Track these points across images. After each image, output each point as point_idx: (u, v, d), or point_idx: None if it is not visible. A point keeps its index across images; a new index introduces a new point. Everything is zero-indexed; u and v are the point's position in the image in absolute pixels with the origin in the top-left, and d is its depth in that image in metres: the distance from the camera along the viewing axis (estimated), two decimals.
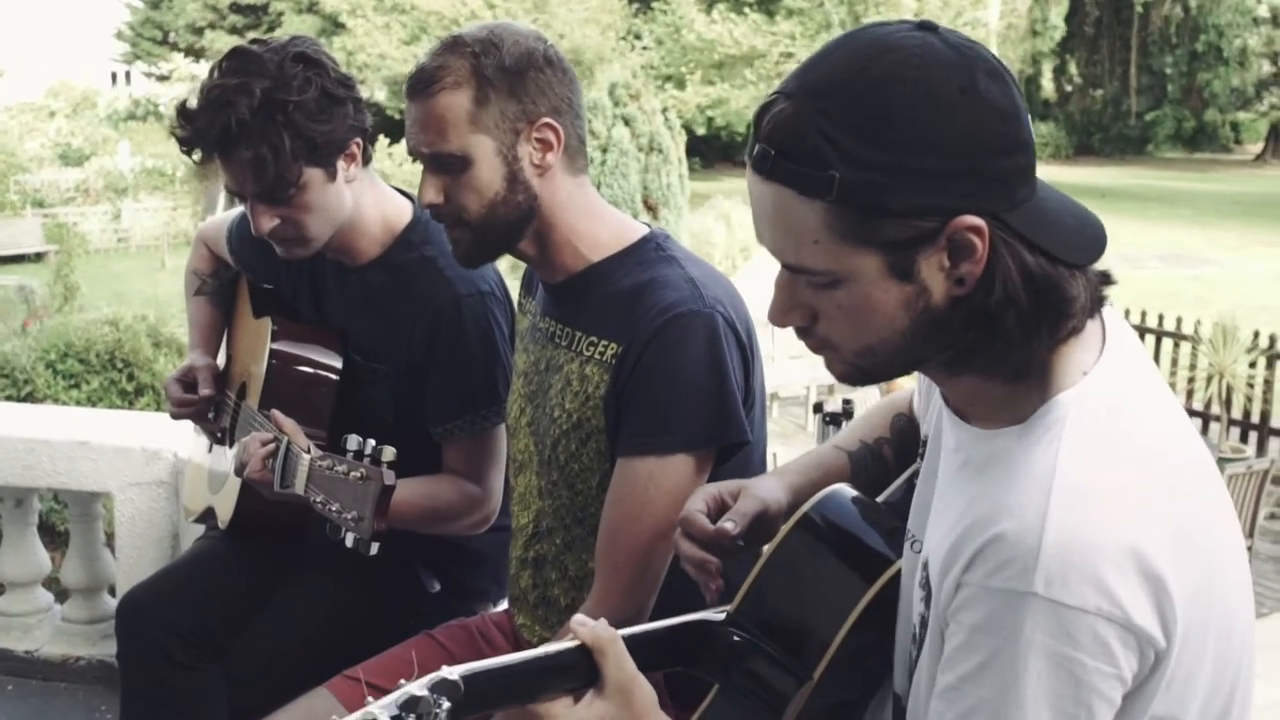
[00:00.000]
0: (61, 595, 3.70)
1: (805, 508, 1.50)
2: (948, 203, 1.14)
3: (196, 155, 2.18)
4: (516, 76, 1.84)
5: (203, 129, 2.13)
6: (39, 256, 21.15)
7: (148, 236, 24.09)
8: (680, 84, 27.34)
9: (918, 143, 1.12)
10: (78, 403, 8.31)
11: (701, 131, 27.97)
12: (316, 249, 2.26)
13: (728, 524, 1.56)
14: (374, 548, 1.81)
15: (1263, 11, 36.58)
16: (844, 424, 4.92)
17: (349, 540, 1.83)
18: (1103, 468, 1.16)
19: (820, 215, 1.16)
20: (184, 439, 2.91)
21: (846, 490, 1.53)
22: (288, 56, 2.13)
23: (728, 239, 17.74)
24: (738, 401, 1.80)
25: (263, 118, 2.09)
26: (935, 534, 1.29)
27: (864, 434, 1.71)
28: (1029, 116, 1.20)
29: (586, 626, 1.33)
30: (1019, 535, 1.13)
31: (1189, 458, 1.23)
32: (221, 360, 2.66)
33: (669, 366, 1.77)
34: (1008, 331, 1.18)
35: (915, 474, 1.54)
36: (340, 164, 2.20)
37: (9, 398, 7.96)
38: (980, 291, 1.16)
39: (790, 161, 1.16)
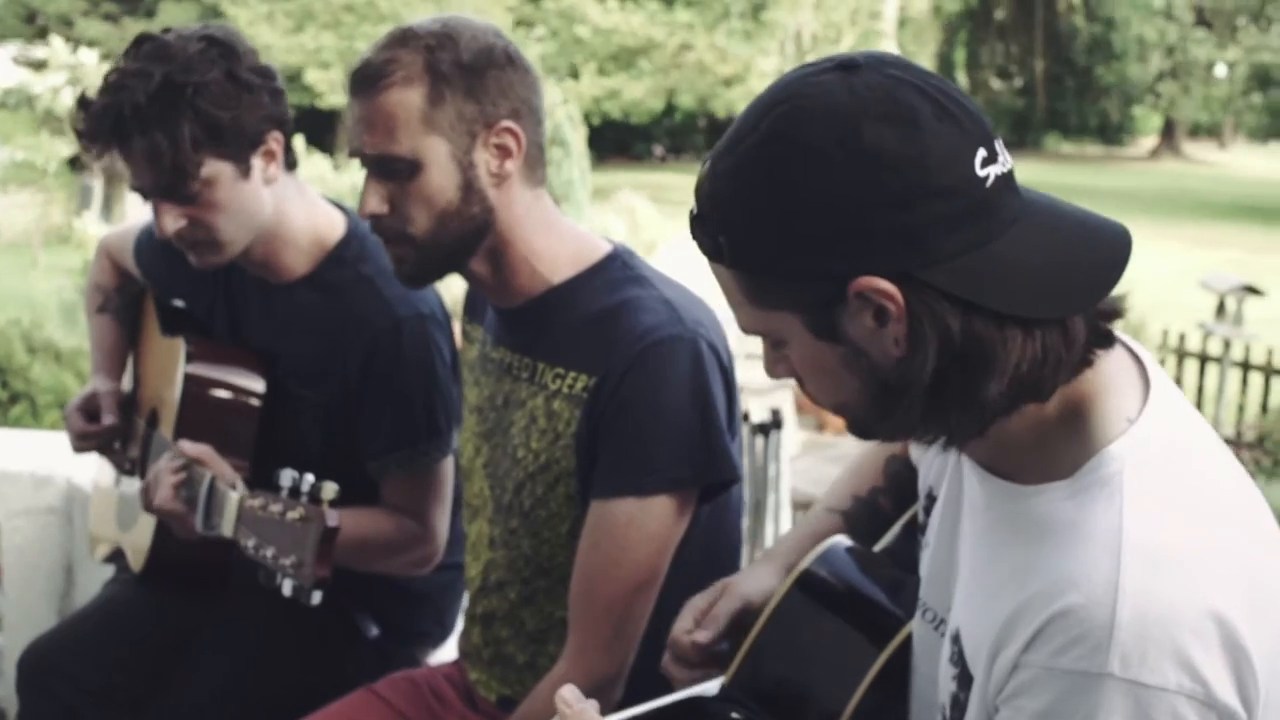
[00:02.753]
0: None
1: (803, 564, 1.38)
2: (837, 266, 1.06)
3: (94, 149, 1.97)
4: (475, 75, 1.66)
5: (97, 117, 1.93)
6: None
7: (18, 233, 23.19)
8: (575, 75, 27.16)
9: (793, 205, 1.06)
10: None
11: (596, 124, 27.85)
12: (232, 256, 2.05)
13: (699, 634, 1.43)
14: (316, 596, 1.63)
15: (1158, 4, 37.46)
16: (772, 434, 4.82)
17: (287, 588, 1.65)
18: (1173, 528, 1.05)
19: (732, 279, 1.13)
20: (87, 461, 2.67)
21: (842, 542, 1.41)
22: (194, 39, 1.94)
23: (631, 237, 17.54)
24: (725, 435, 1.66)
25: (160, 103, 1.89)
26: (970, 606, 1.17)
27: (855, 487, 1.59)
28: (983, 147, 1.06)
29: (572, 709, 1.16)
30: (1089, 609, 1.02)
31: (1251, 506, 1.12)
32: (127, 384, 2.43)
33: (649, 398, 1.62)
34: (954, 398, 1.08)
35: (915, 519, 1.41)
36: (256, 161, 1.99)
37: None
38: (914, 354, 1.07)
39: (698, 225, 1.13)
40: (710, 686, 1.35)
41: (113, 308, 2.47)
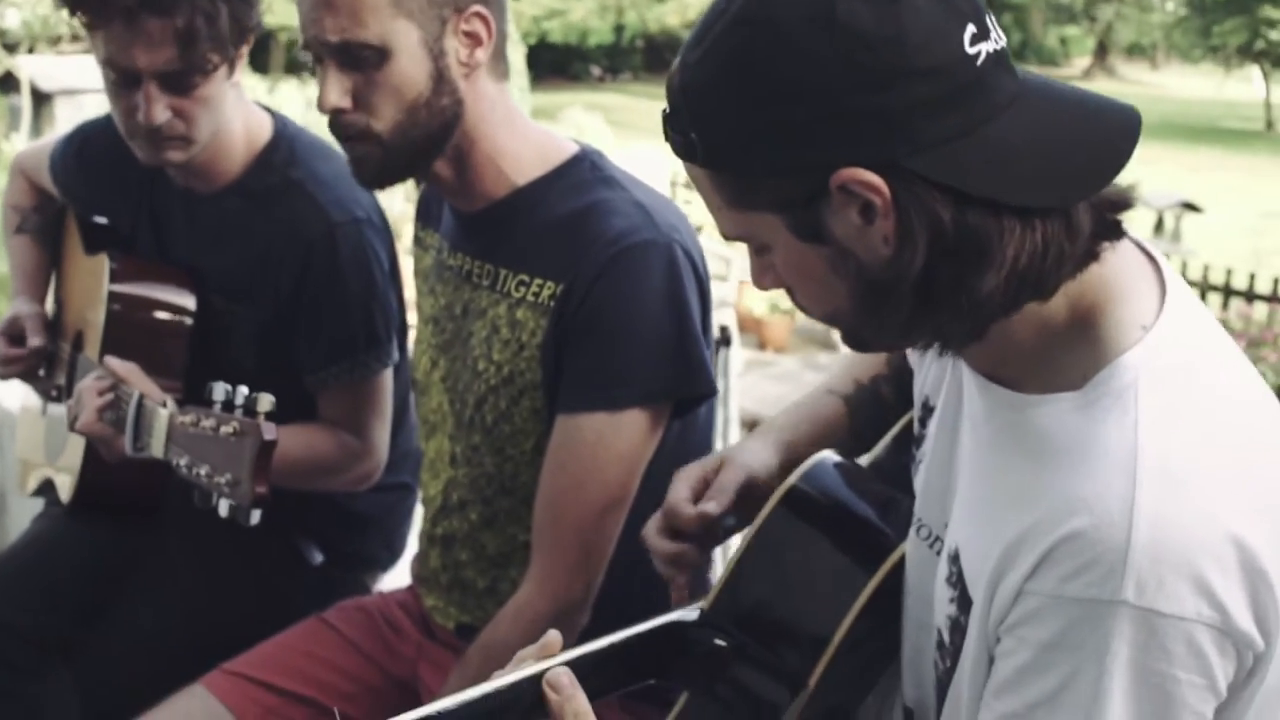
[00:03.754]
0: None
1: (789, 481, 1.29)
2: (816, 156, 0.97)
3: (86, 17, 1.82)
4: None
5: None
6: None
7: None
8: None
9: (764, 92, 0.98)
10: None
11: (533, 43, 27.34)
12: (194, 155, 1.93)
13: (709, 505, 1.34)
14: (255, 516, 1.53)
15: None
16: (722, 351, 4.76)
17: (223, 509, 1.55)
18: (1193, 445, 0.98)
19: (708, 180, 1.06)
20: (11, 387, 2.55)
21: (830, 456, 1.33)
22: None
23: None
24: (702, 345, 1.58)
25: None
26: (969, 524, 1.10)
27: (858, 372, 1.50)
28: (973, 23, 0.97)
29: (562, 696, 1.07)
30: (1101, 532, 0.95)
31: (1272, 422, 1.05)
32: (50, 307, 2.31)
33: (622, 306, 1.53)
34: (945, 297, 1.00)
35: (907, 430, 1.34)
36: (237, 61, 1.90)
37: None
38: (903, 250, 0.98)
39: (670, 125, 1.06)
40: (688, 612, 1.28)
41: (31, 228, 2.34)
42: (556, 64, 32.24)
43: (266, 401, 1.52)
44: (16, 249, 2.35)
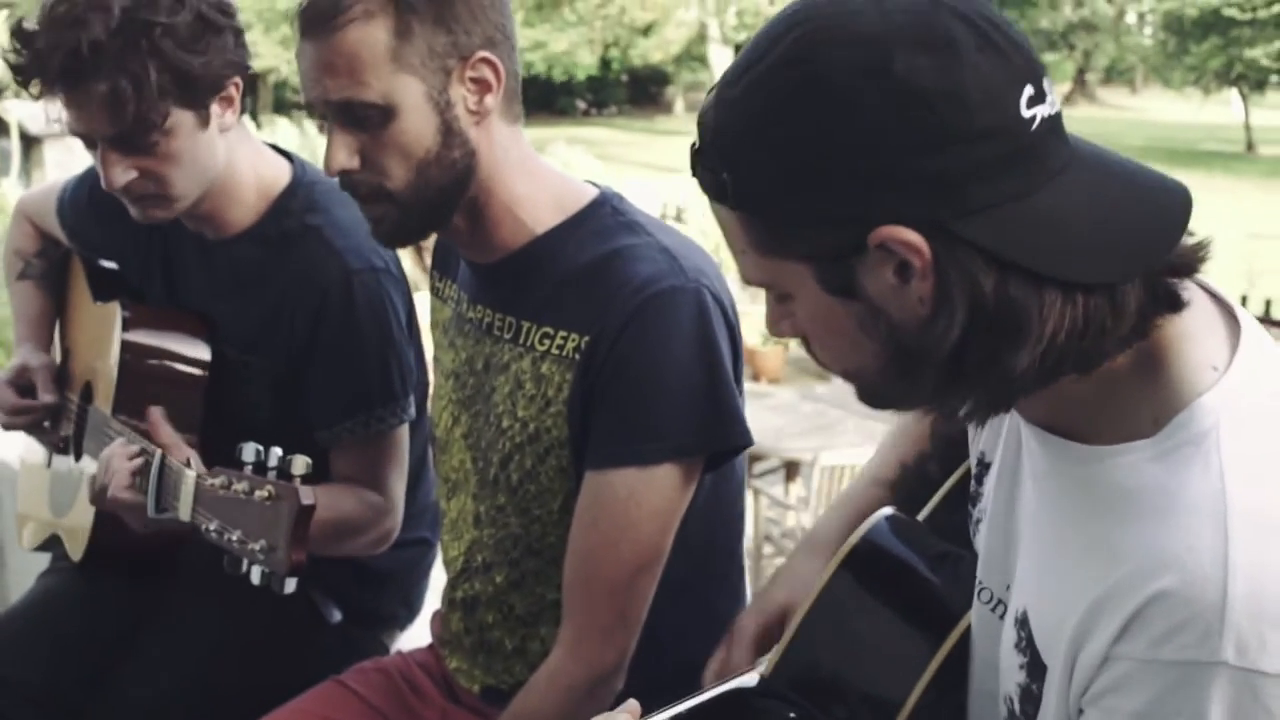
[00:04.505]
0: None
1: (850, 543, 1.25)
2: (857, 212, 0.93)
3: (35, 88, 1.76)
4: (442, 1, 1.48)
5: (44, 54, 1.72)
6: None
7: None
8: None
9: (808, 141, 0.93)
10: None
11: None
12: (181, 210, 1.87)
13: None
14: (290, 584, 1.46)
15: None
16: None
17: (256, 576, 1.48)
18: None
19: (736, 222, 1.01)
20: (13, 440, 2.48)
21: (889, 515, 1.29)
22: None
23: None
24: (734, 395, 1.52)
25: (122, 42, 1.70)
26: (1037, 587, 1.04)
27: (902, 453, 1.46)
28: (1031, 84, 0.93)
29: None
30: (1194, 590, 0.89)
31: None
32: (55, 355, 2.25)
33: (650, 356, 1.47)
34: (976, 371, 0.95)
35: (962, 484, 1.29)
36: (215, 108, 1.82)
37: None
38: (939, 315, 0.94)
39: (700, 161, 1.01)
40: (749, 678, 1.23)
41: (35, 273, 2.27)
42: (541, 98, 32.33)
43: (302, 464, 1.46)
44: (19, 295, 2.28)
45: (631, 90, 35.90)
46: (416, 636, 2.12)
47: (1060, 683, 0.99)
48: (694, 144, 1.01)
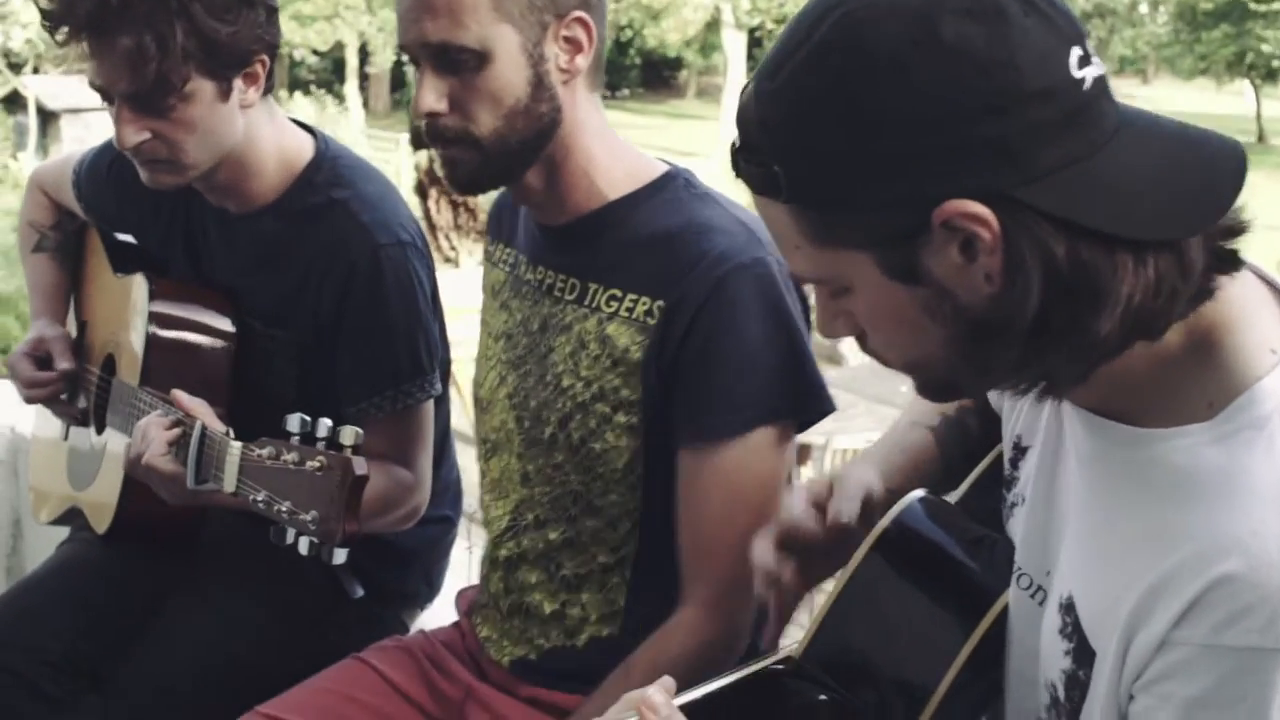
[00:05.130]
0: None
1: (881, 524, 1.23)
2: (922, 188, 0.91)
3: (61, 34, 1.75)
4: None
5: (74, 1, 1.71)
6: None
7: None
8: None
9: (864, 122, 0.91)
10: None
11: None
12: (190, 179, 1.86)
13: (843, 512, 1.26)
14: (340, 555, 1.45)
15: None
16: None
17: (304, 546, 1.47)
18: None
19: (788, 217, 0.98)
20: (25, 412, 2.47)
21: (921, 496, 1.27)
22: None
23: None
24: (815, 364, 1.55)
25: (152, 1, 1.69)
26: (1085, 572, 1.03)
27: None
28: (1077, 46, 0.92)
29: (659, 716, 1.04)
30: (1259, 574, 0.88)
31: None
32: (71, 327, 2.24)
33: (736, 329, 1.49)
34: (1060, 339, 0.93)
35: (994, 468, 1.27)
36: (238, 83, 1.81)
37: None
38: (1012, 287, 0.92)
39: (744, 157, 0.99)
40: (779, 659, 1.22)
41: (50, 246, 2.27)
42: None
43: (351, 434, 1.45)
44: (35, 268, 2.27)
45: (645, 74, 35.81)
46: (437, 616, 2.11)
47: (1111, 668, 0.97)
48: (734, 143, 1.00)
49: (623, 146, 1.63)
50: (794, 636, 1.27)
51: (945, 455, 1.39)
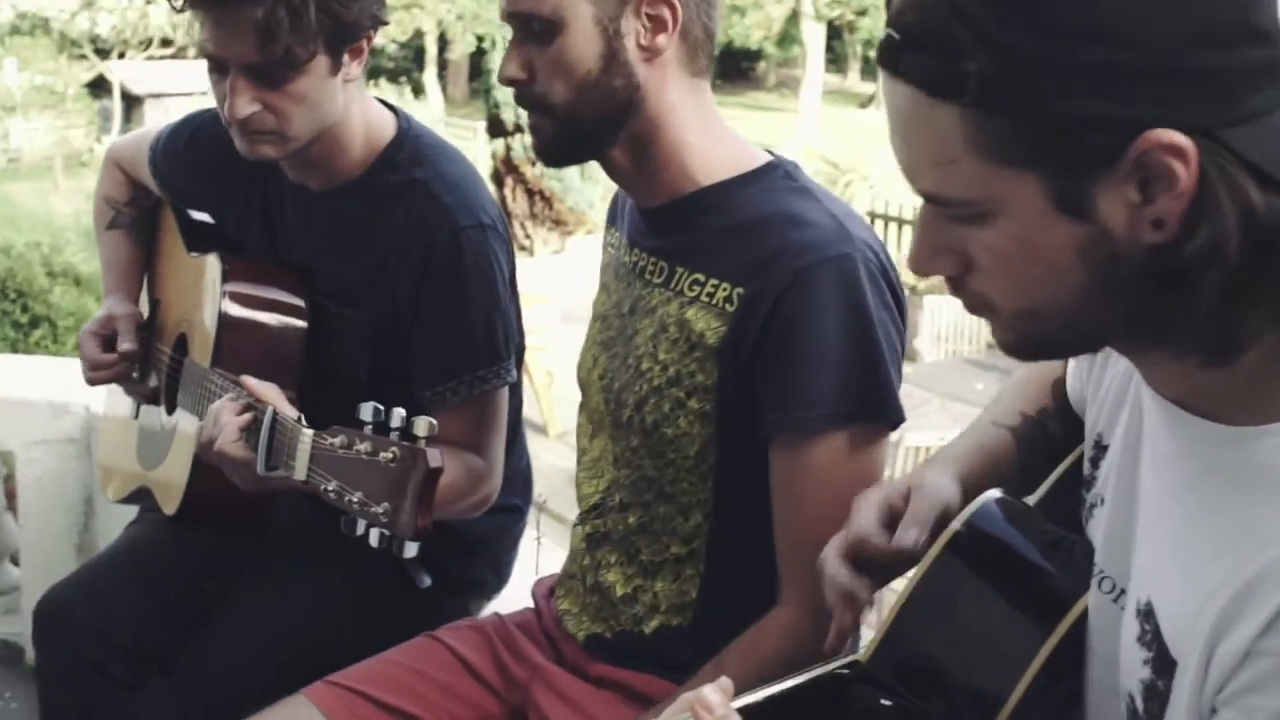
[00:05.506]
0: None
1: (954, 525, 1.18)
2: (1132, 110, 0.82)
3: (185, 2, 1.75)
4: None
5: None
6: None
7: (39, 156, 23.33)
8: None
9: (1086, 25, 0.82)
10: None
11: None
12: (291, 151, 1.83)
13: (907, 537, 1.21)
14: (412, 549, 1.41)
15: None
16: None
17: (374, 538, 1.43)
18: None
19: (958, 123, 0.87)
20: (99, 390, 2.48)
21: (996, 496, 1.22)
22: None
23: None
24: (889, 371, 1.49)
25: None
26: (1166, 575, 0.96)
27: (1022, 404, 1.38)
28: None
29: (714, 716, 1.01)
30: None
31: None
32: (143, 306, 2.23)
33: (815, 322, 1.45)
34: (1203, 296, 0.85)
35: (1075, 469, 1.21)
36: (346, 57, 1.80)
37: None
38: (1184, 237, 0.83)
39: (917, 50, 0.87)
40: (845, 664, 1.18)
41: (124, 222, 2.25)
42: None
43: (425, 425, 1.40)
44: (109, 244, 2.27)
45: (723, 64, 35.68)
46: (501, 606, 2.08)
47: (1193, 680, 0.91)
48: (891, 34, 0.89)
49: (726, 133, 1.60)
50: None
51: (1024, 456, 1.33)
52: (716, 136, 1.58)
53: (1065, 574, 1.14)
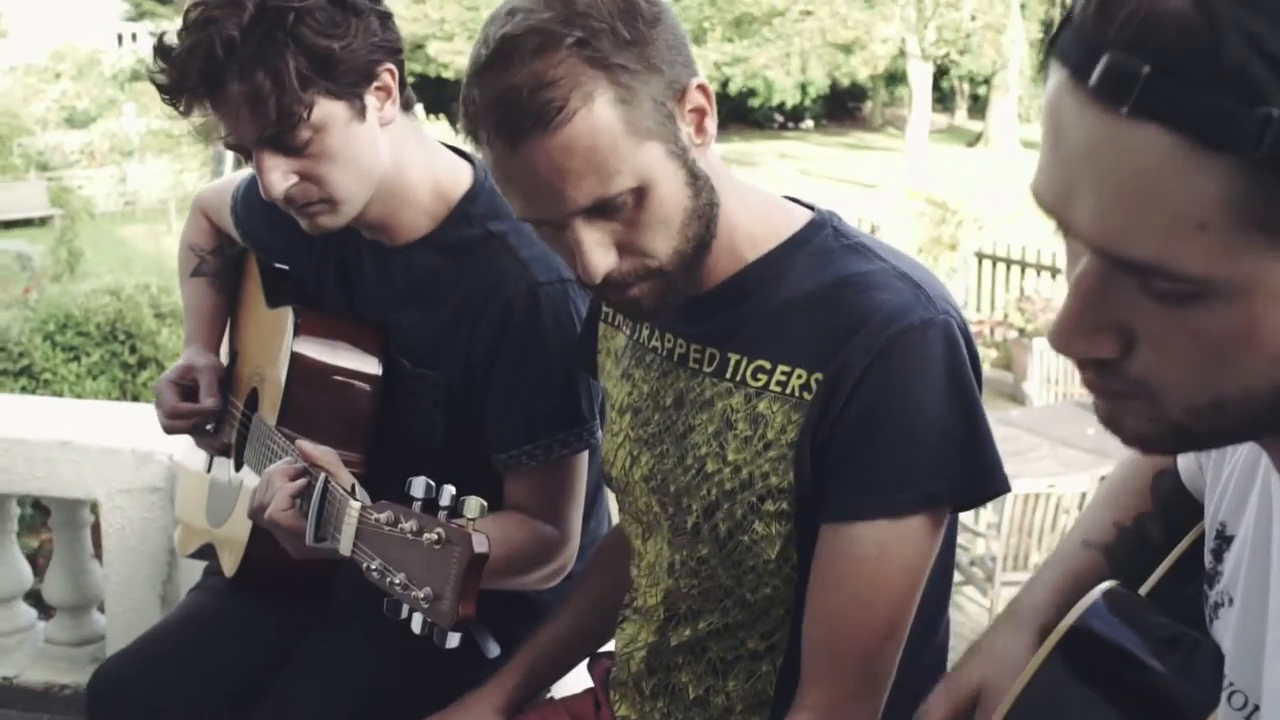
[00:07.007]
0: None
1: (1064, 624, 1.08)
2: None
3: (182, 105, 1.68)
4: (641, 41, 1.28)
5: (182, 63, 1.63)
6: (44, 221, 21.18)
7: (154, 199, 24.21)
8: (700, 40, 26.67)
9: None
10: (78, 376, 8.00)
11: (716, 90, 27.19)
12: (350, 216, 1.74)
13: None
14: (454, 639, 1.31)
15: None
16: None
17: (417, 624, 1.33)
18: None
19: (1228, 181, 0.67)
20: (183, 439, 2.45)
21: (1104, 588, 1.11)
22: None
23: None
24: (990, 437, 1.35)
25: (258, 35, 1.59)
26: None
27: (1117, 514, 1.25)
28: None
29: None
30: None
31: None
32: (224, 356, 2.18)
33: (902, 397, 1.30)
34: None
35: (1192, 555, 1.09)
36: (370, 99, 1.69)
37: (4, 372, 7.61)
38: None
39: (1185, 86, 0.67)
40: None
41: (209, 270, 2.21)
42: (734, 109, 32.19)
43: (475, 506, 1.29)
44: (192, 291, 2.22)
45: (828, 104, 35.48)
46: (571, 680, 1.97)
47: None
48: (1137, 64, 0.68)
49: (757, 197, 1.45)
50: None
51: (1119, 575, 1.19)
52: (749, 201, 1.42)
53: (1184, 679, 1.03)
